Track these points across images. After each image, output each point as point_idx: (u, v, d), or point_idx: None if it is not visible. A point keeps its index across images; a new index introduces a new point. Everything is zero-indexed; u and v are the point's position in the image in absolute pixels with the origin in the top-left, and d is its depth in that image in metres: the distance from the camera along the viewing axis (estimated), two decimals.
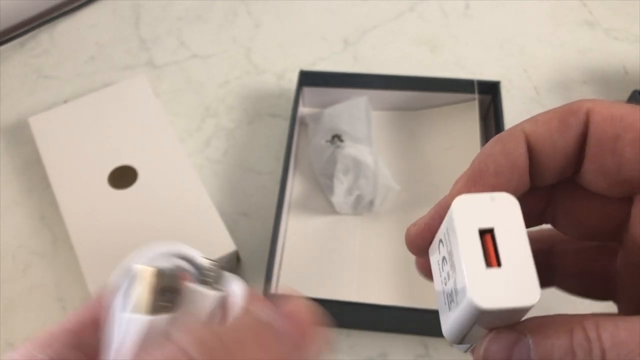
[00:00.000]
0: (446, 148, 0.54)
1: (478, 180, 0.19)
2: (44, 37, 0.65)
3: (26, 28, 0.64)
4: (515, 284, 0.16)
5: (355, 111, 0.54)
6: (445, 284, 0.19)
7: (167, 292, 0.19)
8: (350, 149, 0.51)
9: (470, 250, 0.17)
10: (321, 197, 0.52)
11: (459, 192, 0.19)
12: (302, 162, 0.54)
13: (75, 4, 0.66)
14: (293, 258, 0.49)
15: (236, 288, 0.20)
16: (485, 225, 0.17)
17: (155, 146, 0.52)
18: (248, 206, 0.53)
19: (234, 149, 0.56)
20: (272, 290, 0.45)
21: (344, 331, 0.46)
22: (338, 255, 0.49)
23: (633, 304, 0.20)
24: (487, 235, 0.17)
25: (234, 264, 0.48)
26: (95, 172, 0.50)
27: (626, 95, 0.55)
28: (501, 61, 0.62)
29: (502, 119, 0.51)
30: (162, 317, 0.18)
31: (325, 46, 0.64)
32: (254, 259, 0.50)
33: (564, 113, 0.18)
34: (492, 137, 0.56)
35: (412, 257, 0.23)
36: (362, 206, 0.50)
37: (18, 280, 0.49)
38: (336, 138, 0.52)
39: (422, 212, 0.21)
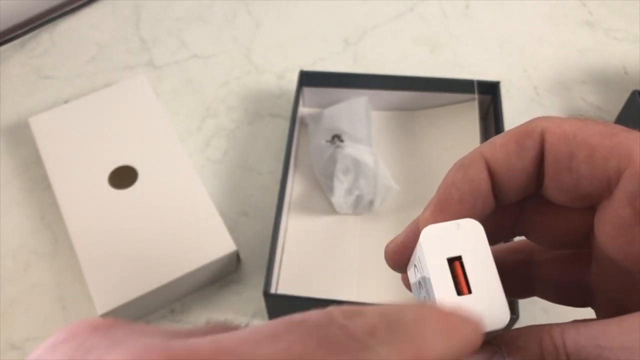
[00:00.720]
0: (446, 148, 0.54)
1: (444, 209, 0.19)
2: (45, 38, 0.65)
3: (26, 28, 0.64)
4: (486, 309, 0.17)
5: (355, 111, 0.54)
6: None
7: None
8: (350, 149, 0.51)
9: (441, 279, 0.18)
10: (321, 197, 0.52)
11: (427, 221, 0.19)
12: (302, 162, 0.55)
13: (76, 4, 0.66)
14: (293, 258, 0.49)
15: None
16: (453, 253, 0.18)
17: (156, 146, 0.52)
18: (248, 206, 0.53)
19: (234, 149, 0.56)
20: (272, 290, 0.45)
21: None
22: (338, 255, 0.49)
23: (607, 309, 0.20)
24: (456, 263, 0.18)
25: (234, 263, 0.48)
26: (95, 172, 0.51)
27: (626, 95, 0.55)
28: (501, 61, 0.62)
29: (502, 119, 0.51)
30: None
31: (325, 46, 0.64)
32: (254, 259, 0.50)
33: (519, 135, 0.19)
34: (492, 136, 0.56)
35: None
36: (362, 206, 0.50)
37: (19, 280, 0.49)
38: (336, 138, 0.52)
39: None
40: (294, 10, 0.67)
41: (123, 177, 0.51)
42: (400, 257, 0.21)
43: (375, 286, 0.48)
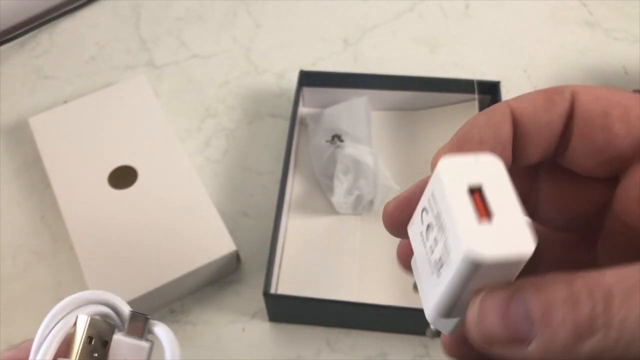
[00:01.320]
0: None
1: (462, 147, 0.19)
2: (44, 37, 0.65)
3: (26, 28, 0.64)
4: (510, 236, 0.16)
5: (355, 111, 0.54)
6: (432, 252, 0.18)
7: (98, 342, 0.19)
8: (350, 149, 0.51)
9: (461, 207, 0.17)
10: (321, 197, 0.52)
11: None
12: (302, 162, 0.55)
13: (75, 4, 0.66)
14: (293, 258, 0.49)
15: (164, 338, 0.20)
16: (473, 182, 0.17)
17: (156, 146, 0.52)
18: (248, 206, 0.53)
19: (234, 149, 0.56)
20: (272, 290, 0.45)
21: (344, 331, 0.46)
22: (338, 255, 0.49)
23: None
24: (475, 193, 0.17)
25: (233, 264, 0.48)
26: (95, 172, 0.50)
27: None
28: (501, 61, 0.62)
29: None
30: None
31: (325, 46, 0.64)
32: (254, 259, 0.50)
33: (549, 92, 0.19)
34: None
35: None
36: (362, 206, 0.50)
37: (18, 280, 0.49)
38: (336, 138, 0.52)
39: None
40: (294, 10, 0.67)
41: (123, 177, 0.51)
42: (401, 213, 0.20)
43: (376, 286, 0.48)
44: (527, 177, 0.21)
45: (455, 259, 0.16)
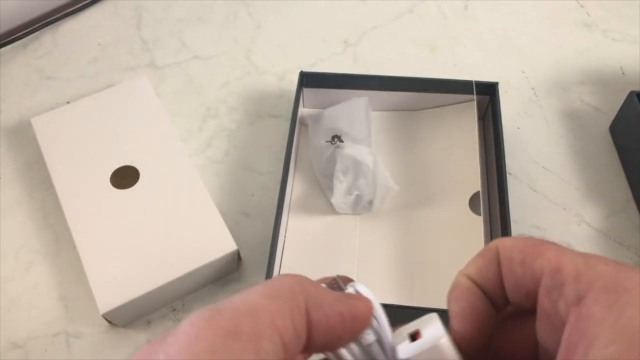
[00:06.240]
0: (445, 148, 0.54)
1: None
2: (47, 39, 0.65)
3: (29, 29, 0.64)
4: None
5: (355, 111, 0.54)
6: None
7: None
8: (350, 149, 0.51)
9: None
10: (321, 197, 0.53)
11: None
12: (302, 162, 0.55)
13: (78, 5, 0.67)
14: (293, 258, 0.50)
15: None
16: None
17: (157, 147, 0.53)
18: (249, 206, 0.53)
19: (235, 149, 0.57)
20: None
21: None
22: (338, 255, 0.50)
23: None
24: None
25: (234, 263, 0.49)
26: (97, 172, 0.51)
27: (623, 96, 0.55)
28: (499, 62, 0.63)
29: (500, 119, 0.52)
30: None
31: (325, 47, 0.64)
32: (254, 258, 0.50)
33: (483, 252, 0.23)
34: (490, 137, 0.56)
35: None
36: (361, 206, 0.51)
37: (21, 279, 0.49)
38: (336, 138, 0.53)
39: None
40: (294, 12, 0.67)
41: (125, 177, 0.51)
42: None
43: (375, 286, 0.48)
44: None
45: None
